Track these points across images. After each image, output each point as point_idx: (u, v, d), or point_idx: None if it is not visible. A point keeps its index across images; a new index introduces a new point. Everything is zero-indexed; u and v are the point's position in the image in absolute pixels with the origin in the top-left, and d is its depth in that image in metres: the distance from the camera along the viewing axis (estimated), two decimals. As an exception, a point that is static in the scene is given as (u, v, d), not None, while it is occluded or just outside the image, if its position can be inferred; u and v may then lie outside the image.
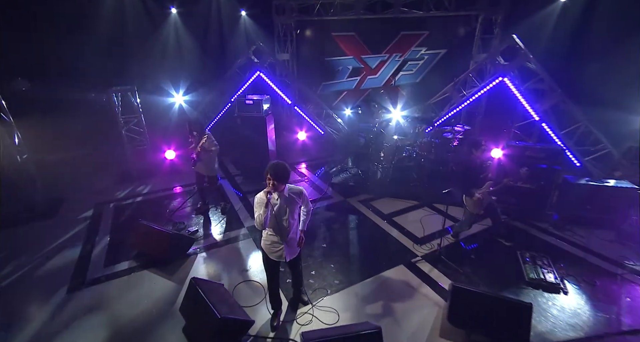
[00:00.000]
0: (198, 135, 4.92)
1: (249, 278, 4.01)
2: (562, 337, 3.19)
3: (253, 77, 7.75)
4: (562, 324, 3.33)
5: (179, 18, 8.06)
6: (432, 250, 4.53)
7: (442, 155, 6.16)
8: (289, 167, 2.89)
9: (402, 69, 8.69)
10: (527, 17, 6.95)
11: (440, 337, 3.20)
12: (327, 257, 4.38)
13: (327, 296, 3.72)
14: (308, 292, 3.74)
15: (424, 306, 3.58)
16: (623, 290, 3.83)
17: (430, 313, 3.49)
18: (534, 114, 6.15)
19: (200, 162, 5.07)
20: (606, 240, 4.78)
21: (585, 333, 3.23)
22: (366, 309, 3.54)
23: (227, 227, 5.16)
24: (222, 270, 4.18)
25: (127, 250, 4.53)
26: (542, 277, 3.88)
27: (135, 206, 5.88)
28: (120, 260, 4.35)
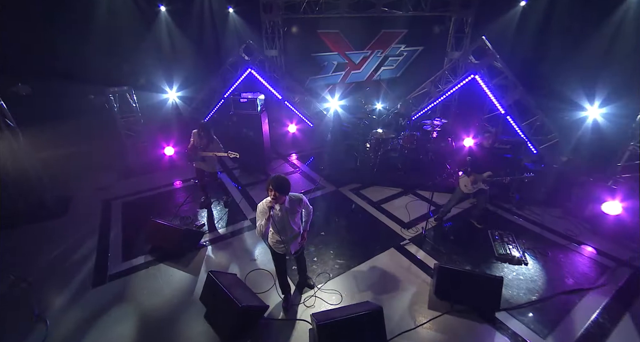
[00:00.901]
0: (206, 139, 4.81)
1: (258, 267, 4.13)
2: (524, 300, 3.57)
3: (244, 74, 7.53)
4: (524, 290, 3.71)
5: (169, 16, 7.61)
6: (417, 233, 4.79)
7: (423, 147, 6.38)
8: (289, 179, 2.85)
9: (383, 65, 8.70)
10: (493, 18, 7.10)
11: (429, 309, 3.49)
12: (326, 244, 4.55)
13: (329, 279, 3.92)
14: (312, 276, 3.92)
15: (414, 284, 3.86)
16: (567, 257, 4.28)
17: (419, 289, 3.77)
18: (500, 107, 6.43)
19: (202, 161, 4.99)
20: (555, 216, 5.23)
21: (540, 295, 3.63)
22: (365, 289, 3.77)
23: (231, 219, 5.20)
24: (232, 260, 4.27)
25: (141, 245, 4.51)
26: (508, 252, 4.25)
27: (141, 202, 5.76)
28: (136, 254, 4.34)
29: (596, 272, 4.01)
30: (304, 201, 3.04)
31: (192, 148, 4.92)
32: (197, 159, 4.98)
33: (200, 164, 5.07)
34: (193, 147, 4.91)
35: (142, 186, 6.26)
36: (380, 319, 2.99)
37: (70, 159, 6.91)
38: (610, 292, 3.67)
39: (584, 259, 4.24)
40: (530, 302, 3.52)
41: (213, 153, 4.74)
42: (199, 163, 5.06)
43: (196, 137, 4.88)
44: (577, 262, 4.19)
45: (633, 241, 4.45)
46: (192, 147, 4.92)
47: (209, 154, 4.80)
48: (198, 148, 4.88)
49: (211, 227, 4.99)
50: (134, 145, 6.98)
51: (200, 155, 4.88)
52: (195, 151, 4.91)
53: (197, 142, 4.88)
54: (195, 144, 4.88)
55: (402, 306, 3.53)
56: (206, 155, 4.83)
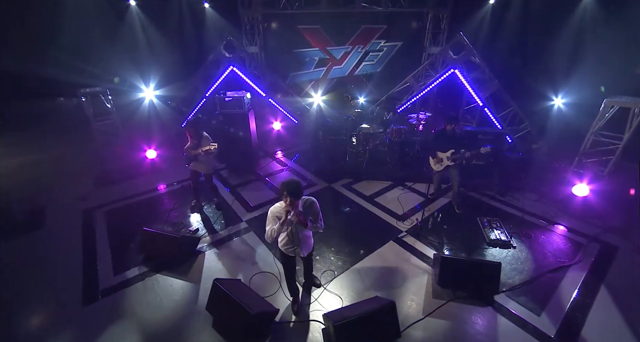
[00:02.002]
0: (196, 138, 4.51)
1: (261, 270, 3.97)
2: (517, 282, 3.73)
3: (226, 72, 7.14)
4: (516, 271, 3.88)
5: (140, 11, 6.98)
6: (413, 225, 4.85)
7: (410, 140, 6.45)
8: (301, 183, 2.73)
9: (364, 60, 8.65)
10: (467, 15, 7.28)
11: (433, 298, 3.55)
12: (327, 242, 4.48)
13: (335, 277, 3.86)
14: (318, 275, 3.84)
15: (416, 274, 3.91)
16: (547, 238, 4.53)
17: (422, 279, 3.82)
18: (479, 100, 6.63)
19: (197, 162, 4.71)
20: (532, 200, 5.51)
21: (530, 276, 3.82)
22: (371, 284, 3.76)
23: (226, 222, 4.96)
24: (233, 265, 4.08)
25: (133, 256, 4.17)
26: (498, 237, 4.43)
27: (126, 210, 5.34)
28: (129, 266, 4.00)
29: (572, 249, 4.29)
30: (316, 205, 2.91)
31: (187, 148, 4.64)
32: (192, 160, 4.70)
33: (196, 165, 4.77)
34: (188, 147, 4.62)
35: (124, 193, 5.79)
36: (393, 313, 2.98)
37: (41, 166, 6.24)
38: (587, 267, 3.95)
39: (561, 238, 4.52)
40: (523, 283, 3.69)
41: (200, 149, 4.44)
42: (194, 164, 4.76)
43: (190, 137, 4.58)
44: (555, 241, 4.46)
45: (598, 218, 4.81)
46: (187, 147, 4.63)
47: (197, 151, 4.50)
48: (190, 148, 4.59)
49: (206, 231, 4.73)
50: (112, 150, 6.42)
51: (192, 155, 4.59)
52: (189, 152, 4.63)
53: (191, 142, 4.59)
54: (190, 144, 4.59)
55: (408, 297, 3.56)
56: (195, 153, 4.54)
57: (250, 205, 5.40)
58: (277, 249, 4.12)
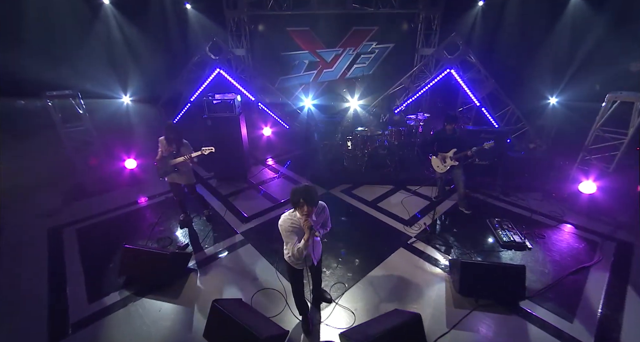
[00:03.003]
0: (175, 144, 4.15)
1: (263, 287, 3.64)
2: (540, 285, 3.59)
3: (213, 74, 6.90)
4: (536, 275, 3.74)
5: (115, 10, 6.63)
6: (421, 229, 4.68)
7: (409, 142, 6.38)
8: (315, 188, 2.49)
9: (356, 62, 8.63)
10: (459, 16, 7.43)
11: (455, 308, 3.34)
12: (332, 252, 4.21)
13: (346, 290, 3.59)
14: (327, 289, 3.56)
15: (433, 282, 3.70)
16: (560, 238, 4.46)
17: (439, 287, 3.61)
18: (475, 100, 6.69)
19: (177, 173, 4.32)
20: (538, 199, 5.51)
21: (552, 279, 3.69)
22: (386, 296, 3.51)
23: (219, 235, 4.60)
24: (231, 283, 3.72)
25: (112, 278, 3.72)
26: (512, 239, 4.32)
27: (102, 227, 4.86)
28: (107, 291, 3.56)
29: (588, 248, 4.23)
30: (327, 210, 2.72)
31: (161, 159, 4.22)
32: (169, 172, 4.29)
33: (174, 177, 4.37)
34: (162, 158, 4.21)
35: (99, 208, 5.31)
36: (419, 327, 2.74)
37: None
38: (608, 267, 3.87)
39: (574, 238, 4.47)
40: (547, 287, 3.55)
41: (185, 157, 4.08)
42: (172, 176, 4.36)
43: (164, 145, 4.20)
44: (570, 241, 4.40)
45: (606, 215, 4.83)
46: (160, 158, 4.21)
47: (180, 160, 4.13)
48: (167, 157, 4.20)
49: (197, 247, 4.35)
50: (85, 160, 5.92)
51: (171, 166, 4.20)
52: (164, 163, 4.22)
53: (165, 151, 4.19)
54: (164, 153, 4.19)
55: (429, 309, 3.33)
56: (176, 162, 4.16)
57: (245, 215, 5.07)
58: (279, 262, 3.90)
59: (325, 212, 2.69)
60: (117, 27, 6.71)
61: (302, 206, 2.32)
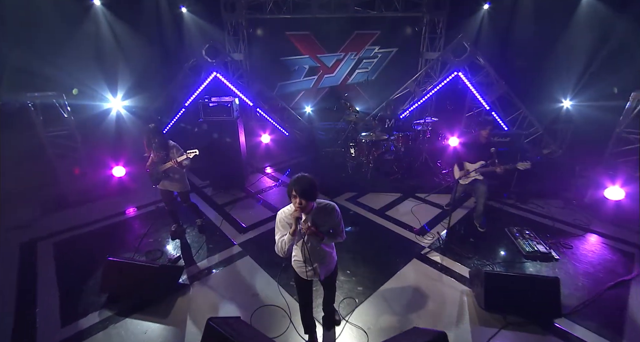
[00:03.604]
0: (160, 148, 3.92)
1: (263, 303, 3.36)
2: (575, 301, 3.33)
3: (209, 78, 6.81)
4: (569, 289, 3.49)
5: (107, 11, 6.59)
6: (434, 239, 4.46)
7: (417, 147, 6.25)
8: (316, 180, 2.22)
9: (358, 67, 8.63)
10: (464, 19, 7.50)
11: (481, 326, 3.07)
12: (340, 264, 3.91)
13: (356, 306, 3.32)
14: (336, 305, 3.28)
15: (453, 297, 3.44)
16: (590, 248, 4.24)
17: (461, 302, 3.36)
18: (485, 104, 6.62)
19: (168, 180, 4.11)
20: (559, 207, 5.33)
21: (588, 293, 3.44)
22: (401, 312, 3.24)
23: (214, 247, 4.34)
24: (227, 299, 3.44)
25: (91, 297, 3.43)
26: (536, 249, 4.09)
27: (83, 239, 4.58)
28: (85, 312, 3.25)
29: (623, 260, 4.00)
30: (337, 211, 2.35)
31: (152, 165, 4.03)
32: (160, 178, 4.10)
33: (166, 184, 4.16)
34: (152, 163, 4.01)
35: (82, 219, 5.04)
36: (446, 348, 2.47)
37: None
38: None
39: (606, 248, 4.25)
40: (584, 303, 3.29)
41: (172, 162, 3.85)
42: (163, 183, 4.16)
43: (153, 150, 3.99)
44: (601, 251, 4.17)
45: (636, 223, 4.63)
46: (151, 163, 4.02)
47: (168, 165, 3.92)
48: (157, 163, 3.99)
49: (190, 259, 4.08)
50: (68, 168, 5.69)
51: (161, 172, 4.01)
52: (155, 168, 4.03)
53: (155, 156, 3.98)
54: (155, 158, 3.99)
55: (451, 327, 3.06)
56: (165, 168, 3.96)
57: (243, 226, 4.83)
58: (282, 275, 3.64)
59: (334, 216, 2.36)
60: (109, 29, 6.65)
61: (295, 197, 2.12)
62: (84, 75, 6.06)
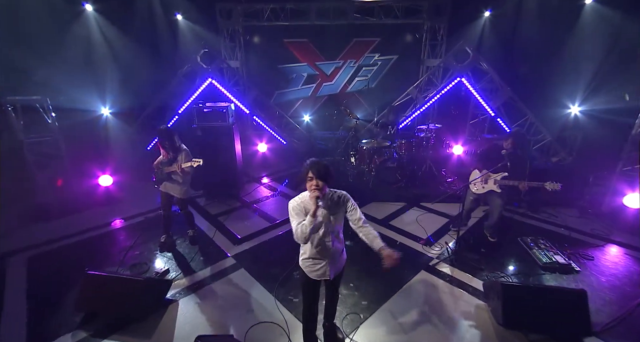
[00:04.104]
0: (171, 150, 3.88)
1: (259, 320, 3.14)
2: (605, 317, 3.13)
3: (204, 84, 6.80)
4: (596, 304, 3.29)
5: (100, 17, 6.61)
6: (442, 249, 4.30)
7: (420, 154, 6.18)
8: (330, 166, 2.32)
9: (357, 75, 8.69)
10: (464, 26, 7.61)
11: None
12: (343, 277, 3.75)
13: (362, 322, 3.11)
14: (338, 321, 3.08)
15: (467, 312, 3.25)
16: (613, 259, 4.09)
17: (476, 318, 3.16)
18: (490, 110, 6.62)
19: (170, 182, 4.04)
20: (574, 216, 5.20)
21: (618, 309, 3.24)
22: (411, 329, 3.04)
23: (206, 259, 4.13)
24: (221, 315, 3.22)
25: (65, 316, 3.17)
26: (553, 259, 3.92)
27: (62, 253, 4.35)
28: (56, 334, 2.97)
29: (652, 272, 3.84)
30: (351, 199, 2.42)
31: (159, 164, 4.01)
32: (163, 179, 4.04)
33: (167, 186, 4.09)
34: (159, 162, 4.00)
35: (61, 232, 4.81)
36: (464, 368, 2.27)
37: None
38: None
39: (630, 259, 4.09)
40: (617, 319, 3.09)
41: (177, 165, 3.79)
42: (165, 185, 4.09)
43: (165, 150, 3.96)
44: (625, 263, 4.01)
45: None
46: (158, 162, 4.01)
47: (172, 169, 3.87)
48: (164, 163, 3.96)
49: (179, 273, 3.86)
50: (50, 177, 5.51)
51: (165, 173, 3.96)
52: (160, 169, 3.99)
53: (165, 156, 3.96)
54: (164, 158, 3.96)
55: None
56: (170, 170, 3.91)
57: (238, 237, 4.65)
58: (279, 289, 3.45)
59: (348, 201, 2.40)
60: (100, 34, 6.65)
61: (311, 179, 2.18)
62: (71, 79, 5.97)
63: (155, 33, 7.48)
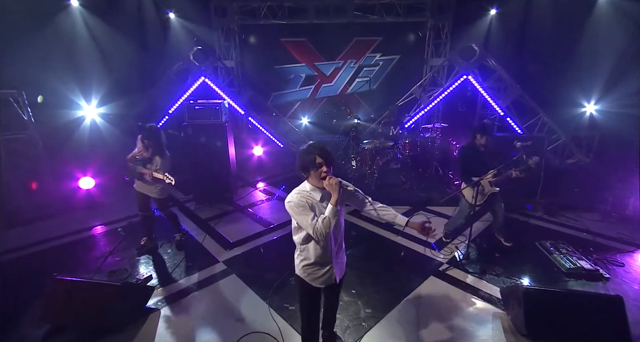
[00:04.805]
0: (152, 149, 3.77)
1: (251, 329, 2.91)
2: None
3: (197, 83, 6.74)
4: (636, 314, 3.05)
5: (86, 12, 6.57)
6: (453, 254, 4.11)
7: (426, 155, 6.06)
8: None
9: (358, 76, 8.66)
10: (471, 23, 7.63)
11: (525, 357, 2.64)
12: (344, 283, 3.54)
13: (366, 332, 2.88)
14: (340, 331, 2.85)
15: (483, 320, 3.04)
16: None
17: (494, 327, 2.95)
18: (499, 109, 6.53)
19: (143, 181, 3.87)
20: (596, 220, 5.02)
21: None
22: (422, 339, 2.81)
23: (194, 265, 3.92)
24: (207, 325, 2.99)
25: (25, 328, 2.92)
26: (577, 265, 3.72)
27: (32, 260, 4.11)
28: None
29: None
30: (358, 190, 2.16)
31: (132, 158, 3.87)
32: (134, 175, 3.91)
33: (141, 185, 3.94)
34: (133, 157, 3.86)
35: (31, 238, 4.57)
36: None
37: None
38: None
39: (665, 266, 3.89)
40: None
41: (150, 172, 3.68)
42: (139, 184, 3.95)
43: (140, 147, 3.85)
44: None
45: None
46: (131, 156, 3.87)
47: (143, 171, 3.74)
48: (137, 162, 3.81)
49: (164, 279, 3.65)
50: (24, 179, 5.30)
51: (137, 171, 3.80)
52: (133, 165, 3.85)
53: (140, 154, 3.82)
54: (138, 156, 3.82)
55: (486, 358, 2.62)
56: (142, 171, 3.76)
57: (230, 241, 4.45)
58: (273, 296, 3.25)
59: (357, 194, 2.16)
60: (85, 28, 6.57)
61: (320, 165, 1.98)
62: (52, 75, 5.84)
63: (146, 30, 7.46)
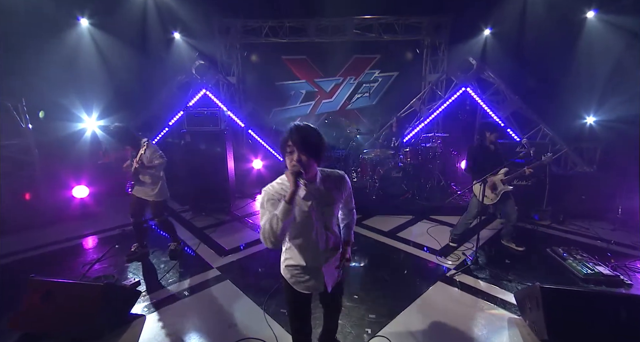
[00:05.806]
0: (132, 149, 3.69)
1: (244, 336, 2.64)
2: None
3: (198, 95, 6.78)
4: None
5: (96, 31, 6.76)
6: (460, 260, 3.87)
7: (427, 166, 5.94)
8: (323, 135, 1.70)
9: (357, 92, 8.74)
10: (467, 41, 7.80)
11: (548, 364, 2.35)
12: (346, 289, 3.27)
13: (370, 339, 2.60)
14: (341, 337, 2.57)
15: (498, 327, 2.76)
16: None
17: (511, 334, 2.67)
18: (499, 120, 6.50)
19: (139, 184, 3.72)
20: (608, 229, 4.83)
21: None
22: (433, 346, 2.53)
23: (186, 271, 3.67)
24: (197, 332, 2.72)
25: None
26: (595, 271, 3.47)
27: (14, 267, 3.85)
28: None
29: None
30: (347, 181, 1.89)
31: (127, 167, 3.76)
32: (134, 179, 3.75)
33: (138, 190, 3.78)
34: (128, 166, 3.74)
35: (18, 246, 4.33)
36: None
37: None
38: None
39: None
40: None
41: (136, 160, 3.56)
42: (136, 189, 3.78)
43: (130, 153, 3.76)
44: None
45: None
46: (127, 166, 3.76)
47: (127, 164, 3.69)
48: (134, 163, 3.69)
49: (153, 285, 3.39)
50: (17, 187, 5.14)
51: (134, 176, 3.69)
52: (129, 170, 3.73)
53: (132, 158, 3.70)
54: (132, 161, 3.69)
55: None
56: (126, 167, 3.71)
57: (225, 249, 4.21)
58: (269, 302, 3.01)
59: (345, 184, 1.86)
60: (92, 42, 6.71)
61: (291, 151, 1.60)
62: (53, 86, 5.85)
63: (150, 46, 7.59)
